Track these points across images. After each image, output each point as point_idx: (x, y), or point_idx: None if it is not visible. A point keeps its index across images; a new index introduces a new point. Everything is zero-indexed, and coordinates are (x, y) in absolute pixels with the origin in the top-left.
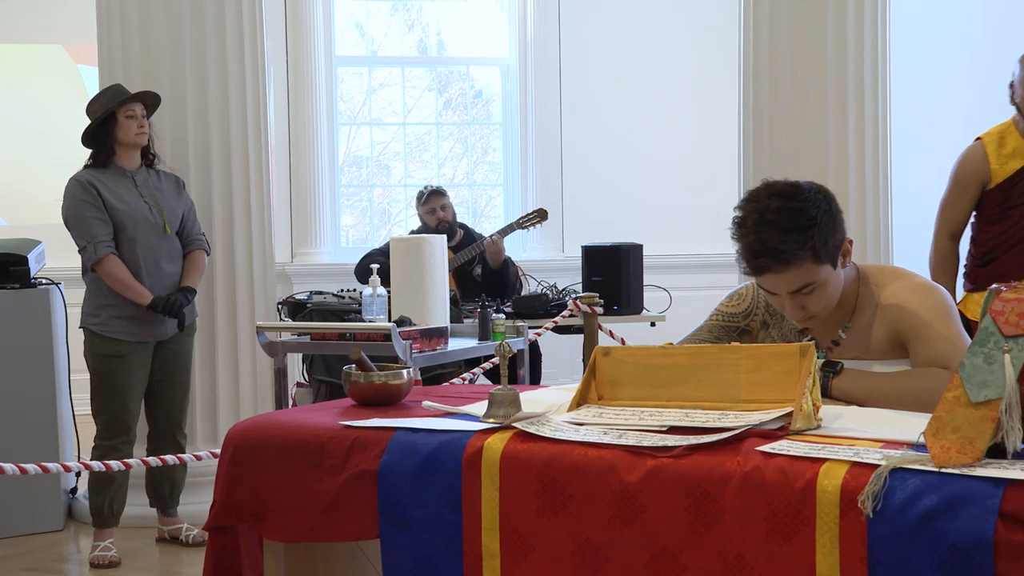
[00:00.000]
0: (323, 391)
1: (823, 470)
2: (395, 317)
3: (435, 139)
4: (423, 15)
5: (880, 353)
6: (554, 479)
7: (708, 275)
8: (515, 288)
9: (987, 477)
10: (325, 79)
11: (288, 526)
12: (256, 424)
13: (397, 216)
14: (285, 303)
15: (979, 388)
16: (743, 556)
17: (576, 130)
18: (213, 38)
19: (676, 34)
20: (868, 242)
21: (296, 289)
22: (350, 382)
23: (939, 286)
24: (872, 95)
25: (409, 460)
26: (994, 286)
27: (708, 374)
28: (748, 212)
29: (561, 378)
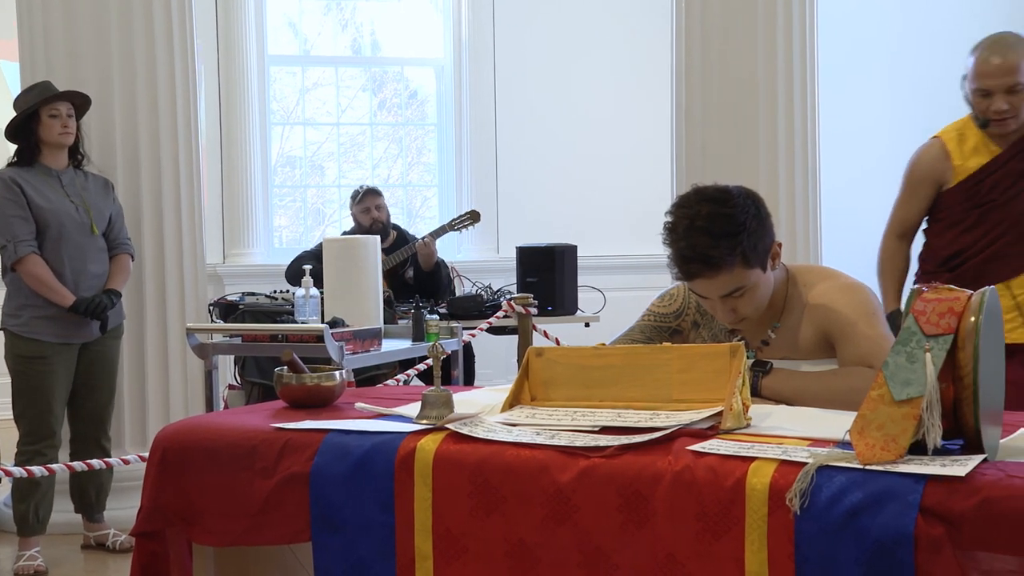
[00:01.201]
0: (255, 393)
1: (752, 469)
2: (328, 318)
3: (369, 140)
4: (357, 15)
5: (808, 353)
6: (487, 480)
7: (642, 276)
8: (448, 290)
9: (909, 473)
10: (257, 78)
11: (218, 530)
12: (186, 427)
13: (331, 217)
14: (217, 304)
15: (902, 386)
16: (674, 555)
17: (511, 131)
18: (141, 35)
19: (610, 36)
20: (797, 242)
21: (228, 290)
22: (282, 384)
23: (865, 286)
24: (801, 97)
25: (341, 462)
26: (915, 286)
27: (640, 374)
28: (679, 218)
29: (496, 379)
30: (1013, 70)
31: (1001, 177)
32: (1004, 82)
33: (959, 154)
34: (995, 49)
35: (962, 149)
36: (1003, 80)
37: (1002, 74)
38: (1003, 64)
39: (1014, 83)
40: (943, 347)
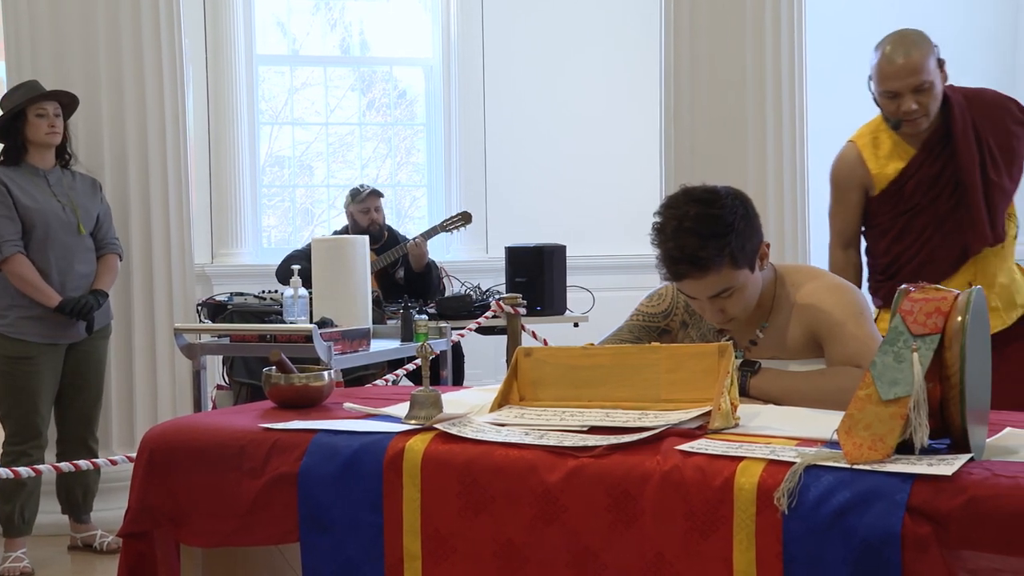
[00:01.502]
0: (243, 393)
1: (740, 468)
2: (316, 318)
3: (358, 139)
4: (346, 15)
5: (796, 352)
6: (475, 480)
7: (631, 276)
8: (438, 291)
9: (896, 473)
10: (246, 78)
11: (206, 531)
12: (173, 427)
13: (320, 217)
14: (205, 304)
15: (889, 386)
16: (662, 554)
17: (500, 131)
18: (128, 34)
19: (599, 36)
20: (786, 242)
21: (217, 290)
22: (270, 384)
23: (853, 286)
24: (789, 97)
25: (330, 462)
26: (903, 286)
27: (628, 374)
28: (667, 219)
29: (485, 379)
30: (918, 69)
31: (920, 181)
32: (910, 82)
33: (875, 161)
34: (898, 48)
35: (877, 155)
36: (909, 80)
37: (907, 74)
38: (907, 64)
39: (920, 82)
40: (930, 347)
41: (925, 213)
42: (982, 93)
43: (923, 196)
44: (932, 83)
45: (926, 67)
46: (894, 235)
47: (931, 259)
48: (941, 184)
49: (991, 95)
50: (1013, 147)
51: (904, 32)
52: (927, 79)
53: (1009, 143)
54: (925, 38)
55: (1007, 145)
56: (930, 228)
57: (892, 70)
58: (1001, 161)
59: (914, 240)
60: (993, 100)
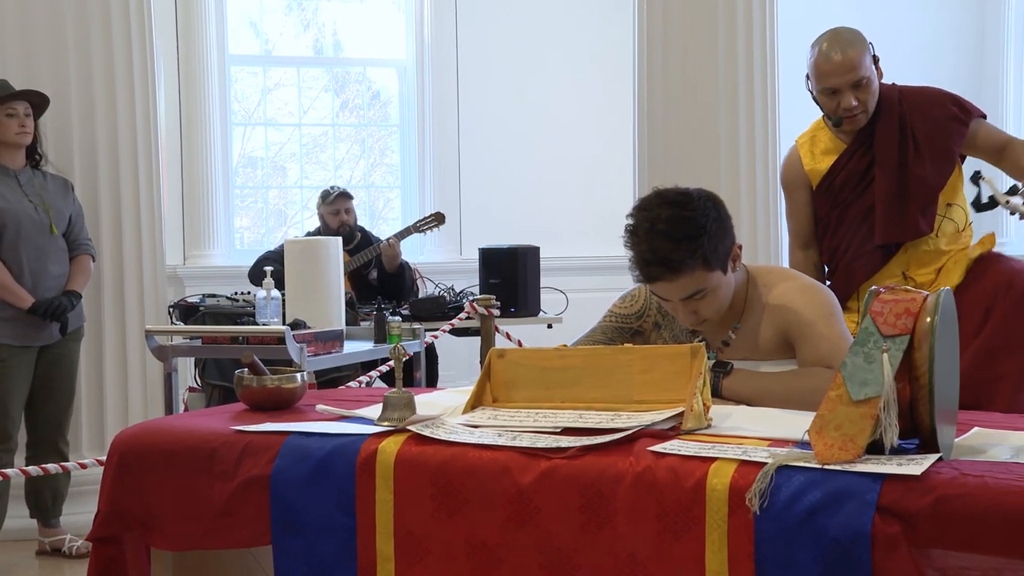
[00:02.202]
0: (216, 396)
1: (712, 469)
2: (289, 320)
3: (332, 140)
4: (319, 15)
5: (768, 353)
6: (449, 482)
7: (604, 277)
8: (411, 292)
9: (866, 472)
10: (218, 78)
11: (177, 534)
12: (144, 430)
13: (293, 218)
14: (177, 306)
15: (859, 387)
16: (635, 555)
17: (474, 132)
18: (98, 33)
19: (572, 37)
20: (758, 243)
21: (189, 292)
22: (242, 386)
23: (824, 287)
24: (762, 99)
25: (302, 464)
26: (873, 288)
27: (602, 375)
28: (639, 221)
29: (459, 380)
30: (855, 66)
31: (848, 174)
32: (848, 78)
33: (810, 158)
34: (834, 45)
35: (813, 152)
36: (847, 77)
37: (845, 71)
38: (844, 60)
39: (859, 78)
40: (900, 347)
41: (854, 207)
42: (921, 89)
43: (851, 190)
44: (869, 79)
45: (863, 63)
46: (831, 230)
47: (860, 253)
48: (869, 178)
49: (929, 91)
50: (943, 141)
51: (838, 30)
52: (864, 75)
53: (939, 136)
54: (860, 36)
55: (935, 137)
56: (857, 221)
57: (830, 67)
58: (926, 153)
59: (844, 234)
60: (928, 94)
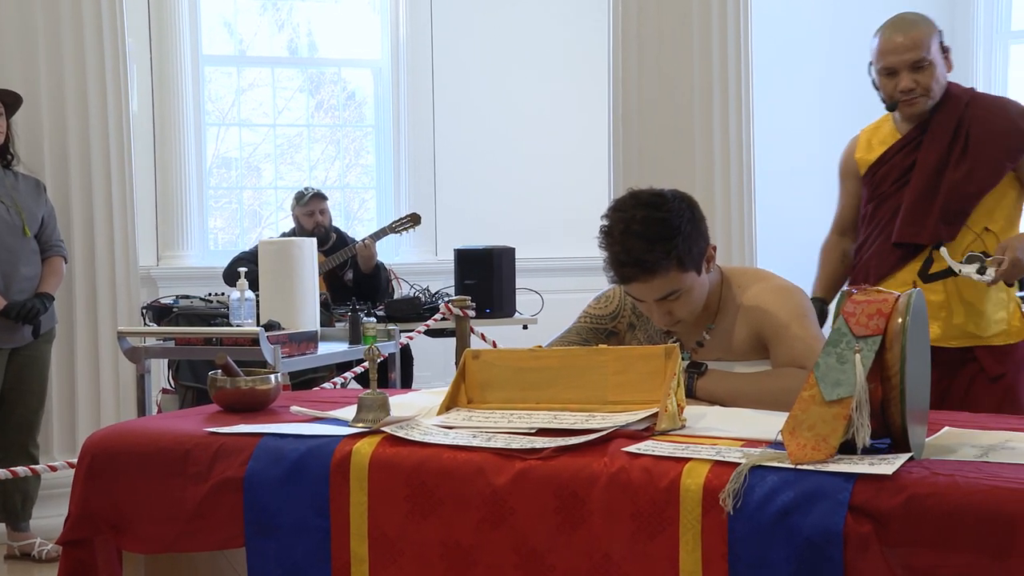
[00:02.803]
0: (189, 397)
1: (686, 469)
2: (263, 321)
3: (306, 141)
4: (294, 15)
5: (742, 354)
6: (423, 483)
7: (580, 278)
8: (387, 292)
9: (838, 472)
10: (192, 78)
11: (149, 537)
12: (116, 432)
13: (268, 219)
14: (150, 307)
15: (832, 387)
16: (609, 555)
17: (449, 133)
18: (68, 33)
19: (547, 38)
20: (733, 244)
21: (162, 293)
22: (215, 387)
23: (798, 288)
24: (736, 100)
25: (276, 466)
26: (845, 288)
27: (576, 376)
28: (614, 222)
29: (434, 381)
30: (917, 45)
31: (891, 168)
32: (908, 58)
33: (865, 147)
34: (898, 26)
35: (871, 142)
36: (907, 56)
37: (905, 50)
38: (906, 40)
39: (918, 59)
40: (872, 348)
41: (888, 202)
42: (996, 98)
43: (890, 185)
44: (932, 63)
45: (925, 44)
46: (864, 223)
47: (880, 251)
48: (908, 176)
49: (1003, 101)
50: (992, 151)
51: (905, 13)
52: (926, 57)
53: (990, 145)
54: (926, 19)
55: (986, 145)
56: (886, 218)
57: (890, 46)
58: (970, 159)
59: (872, 229)
60: (1000, 104)
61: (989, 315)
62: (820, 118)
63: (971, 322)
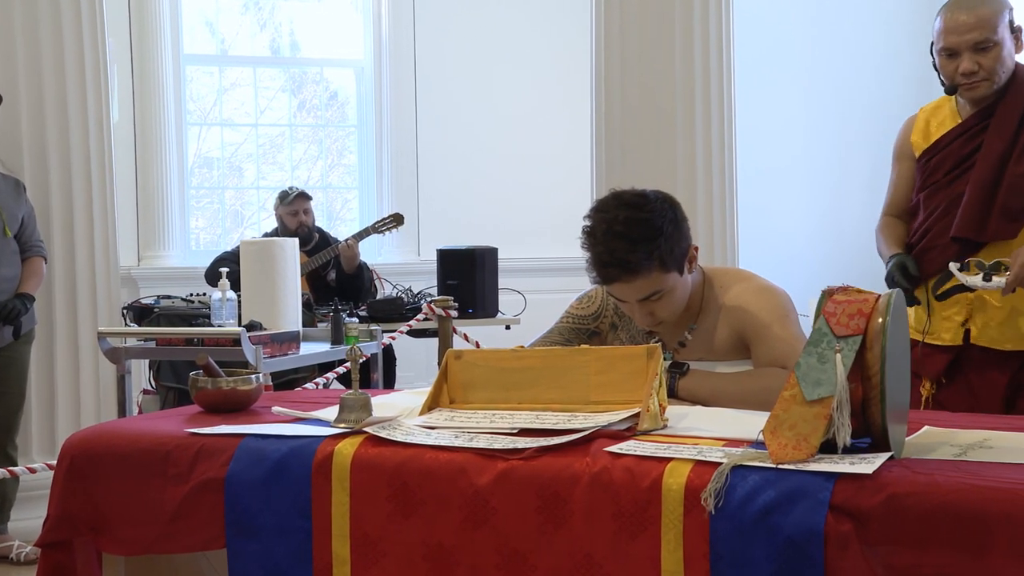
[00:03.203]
0: (170, 398)
1: (668, 469)
2: (245, 322)
3: (289, 141)
4: (276, 15)
5: (724, 354)
6: (405, 483)
7: (562, 278)
8: (370, 292)
9: (819, 472)
10: (173, 78)
11: (129, 538)
12: (95, 433)
13: (250, 219)
14: (131, 307)
15: (813, 387)
16: (591, 555)
17: (432, 133)
18: (48, 31)
19: (530, 38)
20: (715, 244)
21: (143, 293)
22: (197, 388)
23: (779, 288)
24: (718, 101)
25: (257, 467)
26: (825, 288)
27: (558, 376)
28: (597, 222)
29: (417, 382)
30: (981, 25)
31: (947, 156)
32: (970, 38)
33: (923, 128)
34: (963, 3)
35: (929, 123)
36: (969, 36)
37: (968, 29)
38: (970, 18)
39: (982, 39)
40: (852, 348)
41: (942, 192)
42: None
43: (945, 174)
44: (996, 44)
45: (991, 24)
46: (916, 211)
47: (935, 244)
48: (968, 165)
49: None
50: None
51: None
52: (990, 37)
53: None
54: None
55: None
56: (942, 209)
57: (953, 24)
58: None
59: (926, 219)
60: None
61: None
62: (803, 118)
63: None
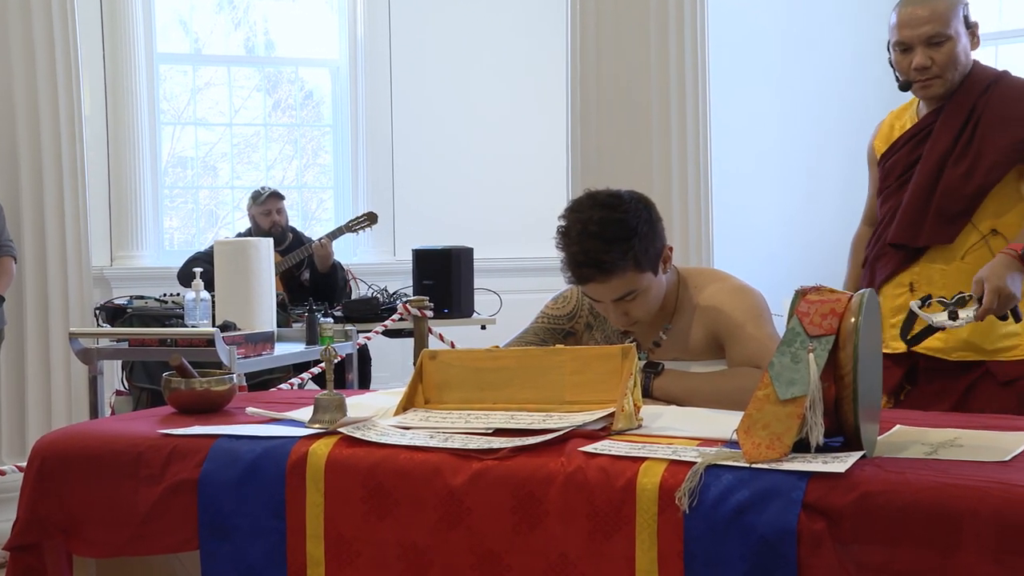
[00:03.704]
0: (144, 399)
1: (643, 469)
2: (219, 322)
3: (264, 140)
4: (250, 14)
5: (699, 354)
6: (380, 484)
7: (538, 278)
8: (344, 292)
9: (792, 471)
10: (146, 77)
11: (101, 540)
12: (67, 434)
13: (225, 219)
14: (103, 308)
15: (787, 386)
16: (566, 555)
17: (407, 133)
18: (18, 30)
19: (505, 37)
20: (690, 245)
21: (116, 294)
22: (170, 389)
23: (753, 289)
24: (693, 101)
25: (231, 468)
26: (799, 288)
27: (533, 376)
28: (571, 222)
29: (392, 382)
30: (934, 18)
31: (896, 163)
32: (923, 32)
33: (884, 135)
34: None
35: (892, 129)
36: (922, 30)
37: (921, 23)
38: (923, 13)
39: (934, 33)
40: (825, 347)
41: (893, 199)
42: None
43: (895, 179)
44: (950, 38)
45: (944, 18)
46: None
47: (883, 252)
48: (913, 172)
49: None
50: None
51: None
52: (943, 31)
53: (998, 136)
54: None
55: (993, 138)
56: (890, 215)
57: (907, 18)
58: (973, 153)
59: (878, 227)
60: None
61: (997, 328)
62: (777, 119)
63: (976, 335)
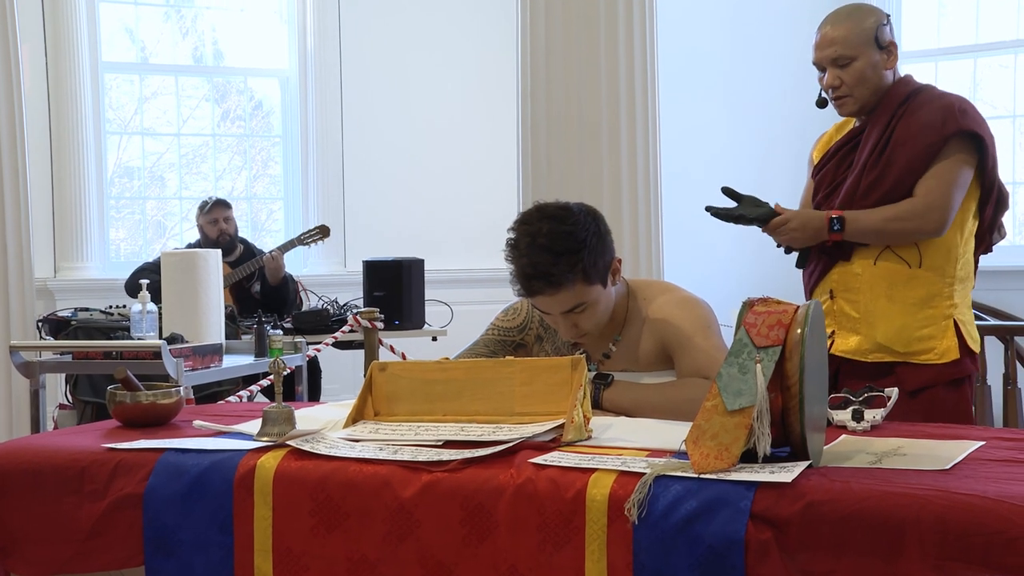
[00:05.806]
0: (88, 412)
1: (592, 480)
2: (166, 334)
3: (212, 151)
4: (198, 23)
5: (648, 365)
6: (329, 497)
7: (489, 290)
8: (295, 305)
9: (740, 481)
10: (91, 85)
11: (41, 558)
12: (7, 450)
13: (172, 230)
14: (46, 320)
15: (734, 397)
16: (516, 567)
17: (358, 144)
18: None
19: (456, 48)
20: (640, 257)
21: (60, 306)
22: (115, 402)
23: (701, 300)
24: (643, 112)
25: (177, 482)
26: (746, 299)
27: (483, 388)
28: (520, 235)
29: (342, 394)
30: (837, 41)
31: (825, 174)
32: (828, 53)
33: (822, 147)
34: (829, 19)
35: (832, 138)
36: (827, 51)
37: (827, 44)
38: (828, 34)
39: (837, 55)
40: (772, 358)
41: (823, 208)
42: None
43: (821, 192)
44: (854, 59)
45: (847, 40)
46: None
47: (810, 261)
48: (829, 190)
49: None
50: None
51: (848, 4)
52: (845, 54)
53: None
54: (864, 12)
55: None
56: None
57: (818, 39)
58: (883, 166)
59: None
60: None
61: (911, 330)
62: (724, 130)
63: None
